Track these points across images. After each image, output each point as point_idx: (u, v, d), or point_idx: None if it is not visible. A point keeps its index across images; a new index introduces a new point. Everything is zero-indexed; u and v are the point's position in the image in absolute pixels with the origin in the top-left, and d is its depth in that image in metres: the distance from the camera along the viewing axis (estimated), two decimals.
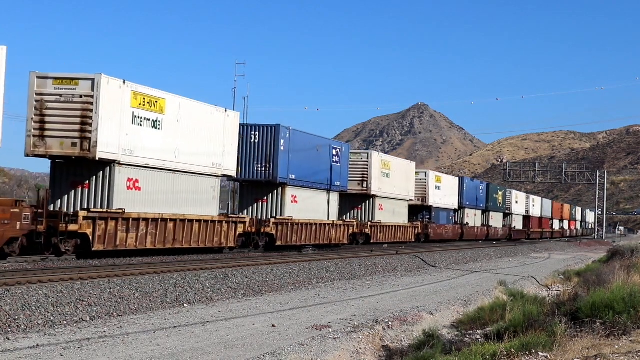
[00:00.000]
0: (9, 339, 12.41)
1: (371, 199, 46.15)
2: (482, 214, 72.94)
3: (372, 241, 45.13)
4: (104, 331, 13.56)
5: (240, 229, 32.20)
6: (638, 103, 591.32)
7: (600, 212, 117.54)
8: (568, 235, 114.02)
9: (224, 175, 31.67)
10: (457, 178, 66.03)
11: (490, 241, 70.42)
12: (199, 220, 29.10)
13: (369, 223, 45.13)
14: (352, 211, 45.87)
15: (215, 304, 18.12)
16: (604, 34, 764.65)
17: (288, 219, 35.41)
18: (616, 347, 11.29)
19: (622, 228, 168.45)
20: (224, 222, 30.79)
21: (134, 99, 25.60)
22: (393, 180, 48.52)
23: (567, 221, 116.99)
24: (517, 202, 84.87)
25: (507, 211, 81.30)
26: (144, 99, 26.16)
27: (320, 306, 18.55)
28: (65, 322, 14.18)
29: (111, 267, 21.83)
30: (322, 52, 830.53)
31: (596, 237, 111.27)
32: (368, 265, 30.01)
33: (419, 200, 55.60)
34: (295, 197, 36.58)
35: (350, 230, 42.44)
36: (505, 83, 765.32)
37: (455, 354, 11.56)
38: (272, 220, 34.43)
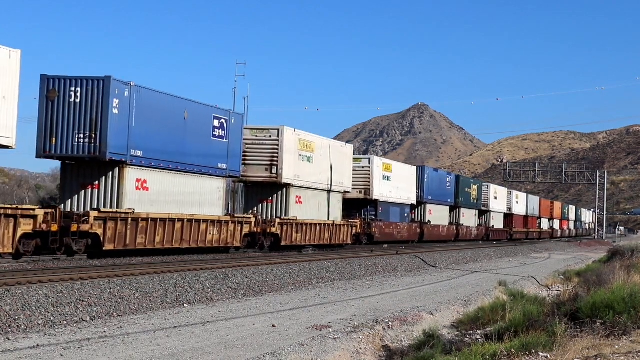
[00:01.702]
0: (9, 339, 12.41)
1: (284, 189, 35.81)
2: (451, 210, 62.42)
3: (283, 243, 34.83)
4: (104, 331, 13.57)
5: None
6: (638, 103, 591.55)
7: (600, 212, 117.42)
8: (559, 236, 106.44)
9: None
10: (414, 167, 55.18)
11: (461, 242, 62.34)
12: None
13: (278, 220, 34.57)
14: (261, 204, 35.90)
15: (216, 304, 18.13)
16: (604, 34, 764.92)
17: (126, 213, 25.26)
18: (616, 347, 11.30)
19: (622, 228, 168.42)
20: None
21: None
22: (318, 166, 38.10)
23: (559, 220, 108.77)
24: (496, 198, 75.80)
25: (483, 208, 71.68)
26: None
27: (321, 306, 18.55)
28: (65, 322, 14.18)
29: (111, 267, 21.84)
30: (322, 52, 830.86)
31: (596, 237, 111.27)
32: (368, 266, 30.02)
33: (360, 192, 45.23)
34: (145, 181, 26.86)
35: (247, 230, 32.50)
36: (505, 83, 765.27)
37: (456, 354, 11.56)
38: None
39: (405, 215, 51.79)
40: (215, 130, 30.67)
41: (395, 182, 48.97)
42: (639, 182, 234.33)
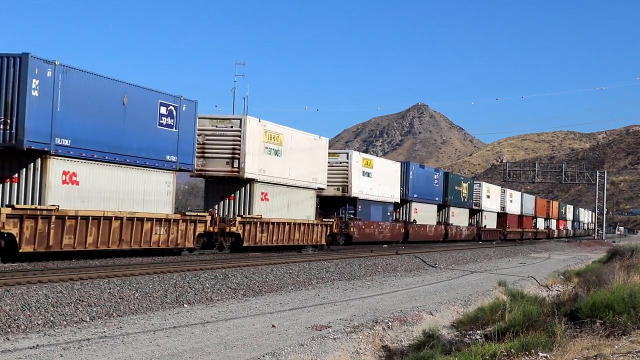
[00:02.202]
0: (8, 339, 12.41)
1: (247, 185, 32.57)
2: (439, 209, 59.24)
3: (246, 244, 31.93)
4: (104, 331, 13.56)
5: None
6: (638, 103, 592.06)
7: (599, 212, 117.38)
8: (556, 236, 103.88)
9: None
10: (398, 163, 51.24)
11: (450, 242, 59.03)
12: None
13: (239, 218, 31.38)
14: (222, 202, 32.70)
15: (215, 304, 18.12)
16: (604, 34, 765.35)
17: (49, 210, 22.24)
18: (616, 347, 11.29)
19: (622, 228, 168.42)
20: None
21: None
22: (287, 160, 35.00)
23: (555, 220, 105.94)
24: (488, 197, 72.35)
25: (475, 207, 68.28)
26: None
27: (320, 306, 18.55)
28: (65, 323, 14.18)
29: (111, 267, 21.82)
30: (322, 52, 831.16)
31: (596, 237, 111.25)
32: (368, 266, 30.03)
33: (338, 189, 41.91)
34: (75, 174, 23.64)
35: (202, 229, 29.48)
36: (505, 83, 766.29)
37: (455, 354, 11.56)
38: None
39: (388, 214, 48.38)
40: (163, 118, 27.23)
41: (376, 179, 45.71)
42: (638, 182, 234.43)
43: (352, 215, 42.77)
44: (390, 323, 16.18)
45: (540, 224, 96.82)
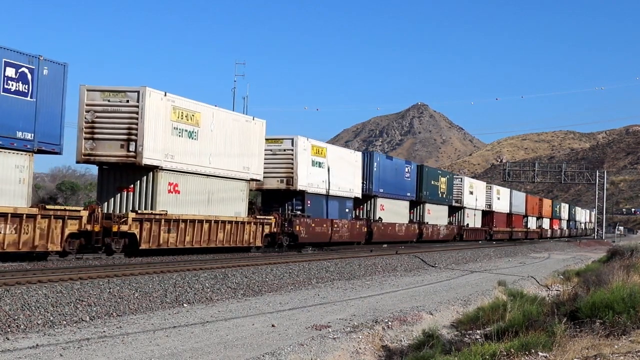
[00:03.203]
0: (8, 339, 12.41)
1: (149, 174, 27.16)
2: (412, 206, 53.22)
3: (144, 246, 26.06)
4: (104, 331, 13.57)
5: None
6: (638, 103, 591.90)
7: (599, 212, 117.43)
8: (549, 236, 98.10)
9: None
10: (359, 153, 45.14)
11: (425, 243, 53.70)
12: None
13: (133, 215, 25.71)
14: (120, 194, 27.26)
15: (215, 304, 18.13)
16: (604, 34, 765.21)
17: None
18: (616, 347, 11.29)
19: (621, 228, 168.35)
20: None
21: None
22: (206, 145, 29.63)
23: (548, 219, 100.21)
24: (471, 193, 66.56)
25: (455, 204, 62.79)
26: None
27: (320, 306, 18.55)
28: (64, 322, 14.18)
29: (110, 267, 21.81)
30: (322, 52, 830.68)
31: (596, 237, 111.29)
32: (367, 265, 30.03)
33: (281, 182, 36.42)
34: None
35: (75, 228, 23.75)
36: (505, 83, 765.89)
37: (455, 354, 11.55)
38: None
39: (347, 210, 42.48)
40: (10, 82, 21.59)
41: (331, 170, 39.84)
42: (638, 182, 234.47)
43: (299, 212, 37.06)
44: (390, 323, 16.18)
45: (532, 223, 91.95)
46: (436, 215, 58.19)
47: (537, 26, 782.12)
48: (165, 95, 27.37)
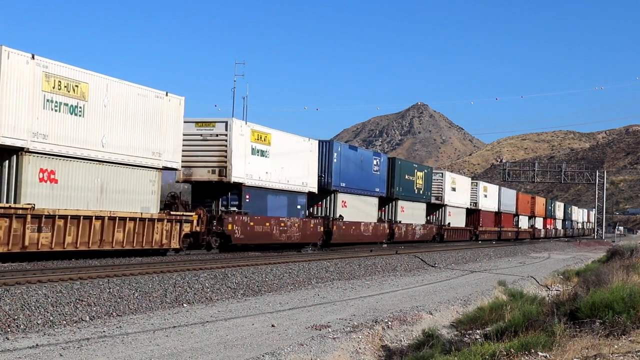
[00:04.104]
0: (8, 339, 12.41)
1: (12, 159, 21.66)
2: (381, 203, 47.01)
3: (1, 249, 20.70)
4: (104, 331, 13.57)
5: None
6: (638, 103, 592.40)
7: (599, 212, 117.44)
8: (542, 236, 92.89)
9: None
10: (315, 141, 38.43)
11: (397, 244, 47.54)
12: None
13: None
14: None
15: (215, 304, 18.13)
16: (604, 34, 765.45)
17: None
18: (615, 347, 11.29)
19: (621, 228, 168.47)
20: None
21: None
22: (99, 124, 24.29)
23: (542, 219, 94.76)
24: (454, 190, 60.65)
25: (435, 201, 57.01)
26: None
27: (320, 306, 18.55)
28: (64, 322, 14.18)
29: (110, 267, 21.80)
30: (322, 52, 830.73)
31: (595, 236, 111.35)
32: (367, 265, 30.04)
33: (212, 172, 31.02)
34: None
35: None
36: (505, 83, 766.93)
37: (455, 353, 11.56)
38: None
39: (299, 207, 36.78)
40: None
41: (278, 160, 34.33)
42: (638, 182, 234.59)
43: (235, 208, 31.81)
44: (389, 323, 16.19)
45: (523, 222, 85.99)
46: (411, 214, 51.90)
47: (537, 26, 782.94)
48: (33, 58, 21.62)
